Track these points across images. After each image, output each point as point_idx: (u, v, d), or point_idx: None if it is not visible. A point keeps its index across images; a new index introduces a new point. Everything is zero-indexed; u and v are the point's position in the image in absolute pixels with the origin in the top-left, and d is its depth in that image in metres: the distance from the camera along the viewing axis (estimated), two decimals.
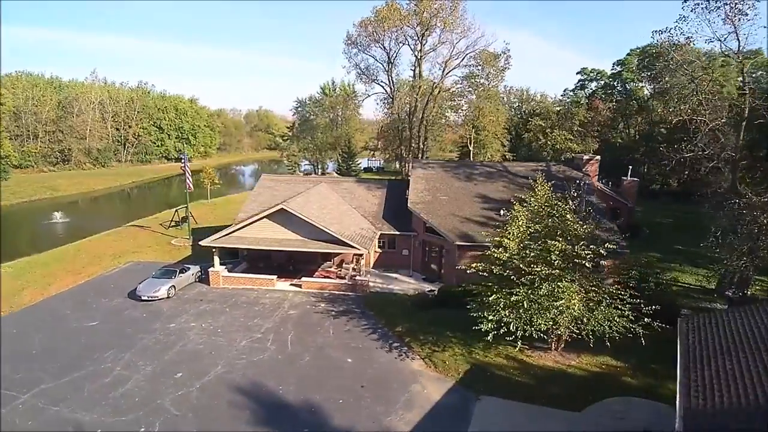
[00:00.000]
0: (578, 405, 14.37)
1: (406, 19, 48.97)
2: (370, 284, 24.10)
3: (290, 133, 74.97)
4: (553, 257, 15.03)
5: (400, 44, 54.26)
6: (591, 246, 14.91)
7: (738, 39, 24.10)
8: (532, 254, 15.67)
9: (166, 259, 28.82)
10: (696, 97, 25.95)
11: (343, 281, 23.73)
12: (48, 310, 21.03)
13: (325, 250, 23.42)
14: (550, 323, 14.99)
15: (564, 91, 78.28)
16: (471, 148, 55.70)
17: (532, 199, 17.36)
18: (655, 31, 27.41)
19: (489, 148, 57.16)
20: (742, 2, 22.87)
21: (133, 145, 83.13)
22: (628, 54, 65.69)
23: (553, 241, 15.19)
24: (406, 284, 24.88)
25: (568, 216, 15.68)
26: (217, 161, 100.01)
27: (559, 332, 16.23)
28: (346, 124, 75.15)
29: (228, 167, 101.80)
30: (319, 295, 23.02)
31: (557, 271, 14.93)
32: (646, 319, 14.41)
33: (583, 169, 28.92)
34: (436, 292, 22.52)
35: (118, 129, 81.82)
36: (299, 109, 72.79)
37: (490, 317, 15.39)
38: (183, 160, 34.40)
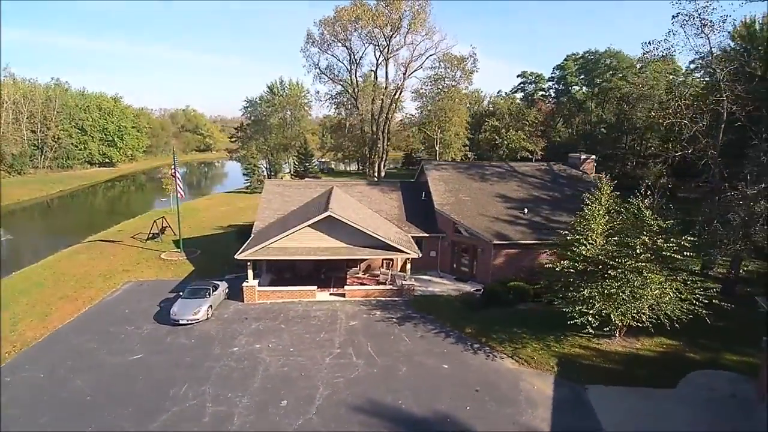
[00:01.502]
0: (668, 382, 15.70)
1: (379, 19, 48.85)
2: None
3: (239, 134, 70.88)
4: (639, 250, 16.24)
5: (366, 44, 54.09)
6: (672, 239, 16.32)
7: (710, 48, 27.78)
8: (615, 249, 16.77)
9: (169, 277, 26.08)
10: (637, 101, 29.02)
11: (387, 287, 23.29)
12: (66, 345, 18.04)
13: (374, 257, 22.84)
14: (645, 311, 16.15)
15: (498, 92, 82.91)
16: (437, 148, 57.13)
17: (602, 198, 18.40)
18: (644, 43, 30.02)
19: (452, 148, 59.07)
20: (708, 16, 26.50)
21: (52, 149, 72.68)
22: (565, 59, 71.83)
23: (637, 236, 16.39)
24: (442, 285, 25.05)
25: (645, 212, 16.99)
26: (148, 164, 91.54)
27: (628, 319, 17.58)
28: (297, 124, 73.04)
29: (155, 171, 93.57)
30: (367, 302, 22.37)
31: (642, 263, 16.17)
32: (714, 301, 16.19)
33: (581, 168, 31.28)
34: (482, 291, 23.00)
35: (34, 131, 71.04)
36: (249, 108, 69.09)
37: (586, 310, 16.26)
38: (173, 167, 31.17)
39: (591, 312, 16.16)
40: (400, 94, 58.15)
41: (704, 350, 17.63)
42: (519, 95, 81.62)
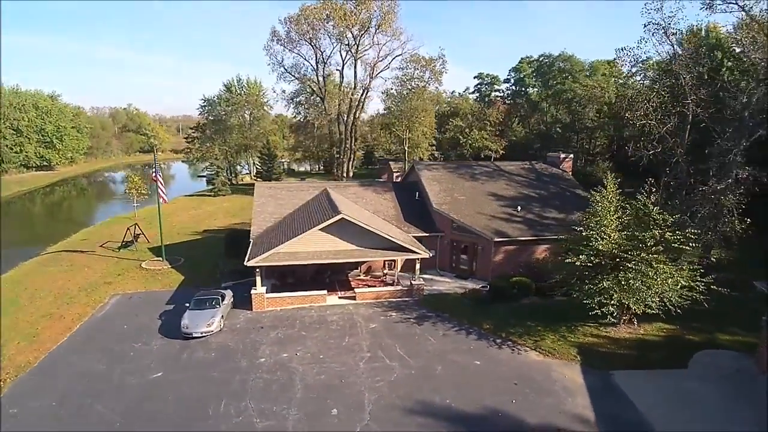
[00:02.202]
0: (679, 363, 17.05)
1: (350, 18, 48.50)
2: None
3: (196, 135, 67.44)
4: (650, 243, 17.52)
5: (335, 44, 53.54)
6: (678, 231, 17.73)
7: (675, 54, 30.39)
8: (627, 242, 17.96)
9: (158, 288, 24.52)
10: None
11: (398, 288, 23.36)
12: (70, 368, 16.50)
13: (384, 258, 22.74)
14: (655, 299, 17.42)
15: (452, 92, 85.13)
16: (406, 148, 57.72)
17: (609, 195, 19.54)
18: (618, 49, 32.11)
19: (420, 148, 59.92)
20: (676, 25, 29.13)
21: None
22: (519, 62, 75.02)
23: (647, 230, 17.65)
24: (445, 284, 25.49)
25: (652, 208, 18.30)
26: (89, 167, 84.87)
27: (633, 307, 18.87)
28: (257, 124, 70.86)
29: (97, 174, 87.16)
30: (379, 304, 22.31)
31: (653, 255, 17.46)
32: (712, 287, 17.80)
33: (561, 167, 32.99)
34: (488, 288, 23.68)
35: None
36: (207, 107, 65.96)
37: (605, 301, 17.32)
38: (155, 171, 29.17)
39: (611, 302, 17.24)
40: (366, 94, 58.22)
41: (700, 332, 19.28)
42: (473, 96, 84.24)
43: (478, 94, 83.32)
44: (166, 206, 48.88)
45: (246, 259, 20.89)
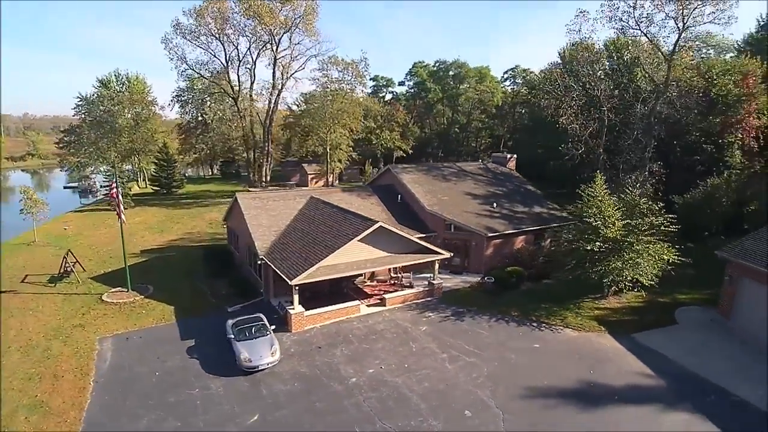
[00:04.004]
0: (669, 320, 21.46)
1: (275, 18, 46.15)
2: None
3: (71, 138, 56.09)
4: (644, 228, 21.67)
5: (252, 41, 50.29)
6: (659, 218, 22.20)
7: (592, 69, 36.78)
8: (626, 229, 21.88)
9: (151, 324, 21.13)
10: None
11: (420, 289, 24.07)
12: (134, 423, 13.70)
13: (414, 262, 23.12)
14: (654, 272, 21.60)
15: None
16: (328, 149, 57.19)
17: (597, 189, 23.26)
18: (550, 63, 37.23)
19: (340, 150, 59.95)
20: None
21: None
22: (414, 66, 79.97)
23: (642, 218, 21.78)
24: (447, 280, 26.97)
25: (640, 200, 22.54)
26: None
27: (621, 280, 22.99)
28: (144, 125, 62.39)
29: None
30: (410, 307, 22.88)
31: (647, 237, 21.66)
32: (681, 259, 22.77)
33: (507, 166, 37.17)
34: (493, 280, 25.96)
35: None
36: (85, 107, 55.34)
37: (618, 278, 20.98)
38: (114, 185, 24.25)
39: (624, 278, 20.98)
40: (279, 95, 56.03)
41: (667, 295, 24.18)
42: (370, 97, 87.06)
43: (374, 96, 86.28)
44: (55, 226, 40.78)
45: (291, 277, 19.43)
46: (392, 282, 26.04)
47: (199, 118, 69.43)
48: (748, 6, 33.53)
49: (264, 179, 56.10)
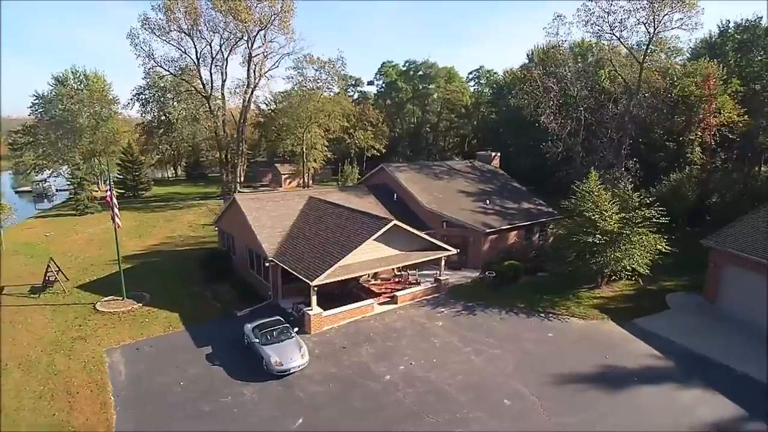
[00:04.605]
0: (662, 306, 22.99)
1: (248, 12, 44.86)
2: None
3: (22, 140, 51.94)
4: (638, 221, 23.10)
5: (225, 38, 48.58)
6: (649, 210, 23.69)
7: (567, 71, 38.47)
8: (622, 223, 23.23)
9: (159, 333, 20.20)
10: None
11: (428, 286, 24.41)
12: None
13: (426, 259, 23.39)
14: (646, 262, 23.06)
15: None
16: (304, 149, 56.37)
17: (592, 184, 24.52)
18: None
19: (316, 150, 59.26)
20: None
21: None
22: (383, 65, 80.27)
23: (636, 211, 23.19)
24: (449, 276, 27.51)
25: (633, 195, 23.98)
26: None
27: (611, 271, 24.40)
28: (104, 124, 58.98)
29: None
30: (421, 304, 23.22)
31: (641, 229, 23.10)
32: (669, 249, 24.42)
33: (492, 163, 38.26)
34: (494, 274, 26.71)
35: None
36: (42, 105, 51.39)
37: (617, 267, 22.27)
38: (109, 188, 22.75)
39: (624, 268, 22.31)
40: (252, 93, 54.60)
41: (654, 283, 25.91)
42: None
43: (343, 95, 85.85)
44: (19, 233, 37.95)
45: (311, 277, 19.18)
46: (397, 280, 26.25)
47: (162, 118, 66.39)
48: (708, 10, 36.23)
49: (240, 180, 54.50)
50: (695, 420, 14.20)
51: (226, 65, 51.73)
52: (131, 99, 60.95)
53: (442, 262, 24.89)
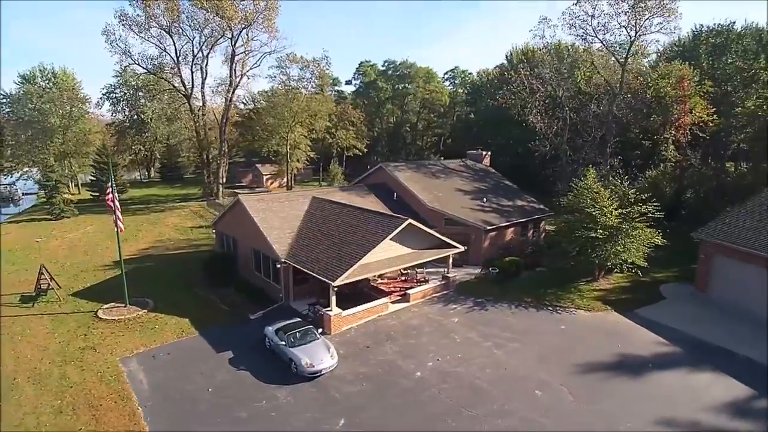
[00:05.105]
0: (658, 297, 24.24)
1: (234, 10, 43.90)
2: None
3: None
4: (635, 216, 24.24)
5: (207, 36, 47.34)
6: (645, 206, 24.88)
7: (552, 73, 39.78)
8: (620, 216, 24.30)
9: (172, 339, 19.61)
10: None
11: (437, 283, 24.71)
12: None
13: (436, 257, 23.65)
14: (641, 254, 24.21)
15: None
16: (288, 149, 55.64)
17: (590, 182, 25.54)
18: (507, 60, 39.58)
19: (299, 150, 58.63)
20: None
21: None
22: (360, 65, 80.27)
23: (633, 206, 24.31)
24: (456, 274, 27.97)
25: (629, 191, 25.12)
26: None
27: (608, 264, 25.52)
28: (75, 124, 56.32)
29: None
30: (432, 301, 23.52)
31: (636, 223, 24.25)
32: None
33: (483, 162, 39.04)
34: (497, 270, 27.34)
35: None
36: (6, 104, 48.30)
37: (617, 261, 23.32)
38: (110, 190, 21.72)
39: (624, 261, 23.36)
40: (233, 92, 53.48)
41: (645, 274, 27.17)
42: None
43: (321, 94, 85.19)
44: (6, 239, 35.77)
45: (332, 278, 19.09)
46: (403, 279, 26.45)
47: (135, 117, 63.89)
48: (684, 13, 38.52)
49: (222, 181, 53.24)
50: (712, 401, 15.14)
51: (207, 63, 50.61)
52: (101, 98, 58.60)
53: (450, 260, 25.28)
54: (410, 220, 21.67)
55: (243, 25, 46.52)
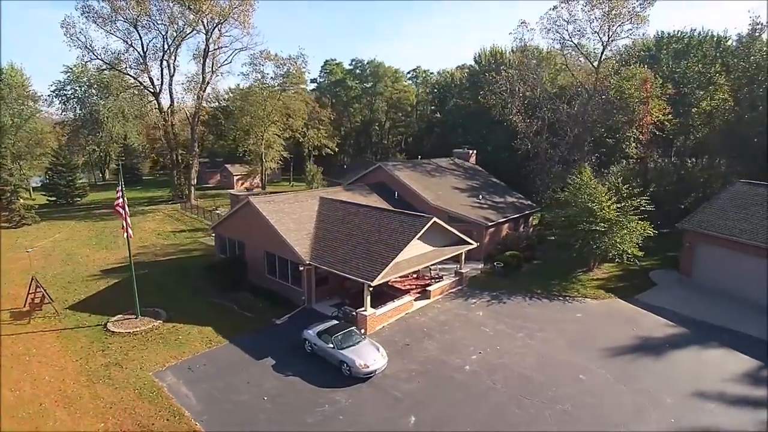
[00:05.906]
0: (650, 283, 26.30)
1: (210, 4, 42.07)
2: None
3: None
4: (629, 209, 26.16)
5: (177, 30, 44.98)
6: (638, 199, 26.85)
7: (532, 74, 41.64)
8: (617, 210, 26.12)
9: (203, 350, 18.83)
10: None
11: (452, 279, 25.32)
12: None
13: (454, 254, 24.18)
14: (635, 245, 26.16)
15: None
16: (262, 149, 54.14)
17: (585, 177, 27.21)
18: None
19: (273, 148, 57.16)
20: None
21: None
22: (326, 63, 79.52)
23: (628, 200, 26.20)
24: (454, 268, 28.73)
25: (623, 186, 27.02)
26: None
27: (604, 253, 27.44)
28: (25, 124, 51.61)
29: None
30: (451, 296, 24.16)
31: (633, 216, 26.19)
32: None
33: (470, 161, 40.21)
34: (502, 265, 28.40)
35: None
36: None
37: (619, 251, 25.12)
38: (121, 195, 20.16)
39: (623, 251, 25.19)
40: (205, 90, 51.32)
41: (633, 263, 29.42)
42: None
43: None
44: None
45: (370, 278, 19.12)
46: (415, 276, 26.84)
47: (88, 116, 59.42)
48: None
49: (194, 182, 50.94)
50: (730, 373, 16.87)
51: (176, 59, 48.21)
52: (49, 95, 54.07)
53: (463, 256, 26.01)
54: (435, 219, 22.13)
55: (219, 20, 44.74)
